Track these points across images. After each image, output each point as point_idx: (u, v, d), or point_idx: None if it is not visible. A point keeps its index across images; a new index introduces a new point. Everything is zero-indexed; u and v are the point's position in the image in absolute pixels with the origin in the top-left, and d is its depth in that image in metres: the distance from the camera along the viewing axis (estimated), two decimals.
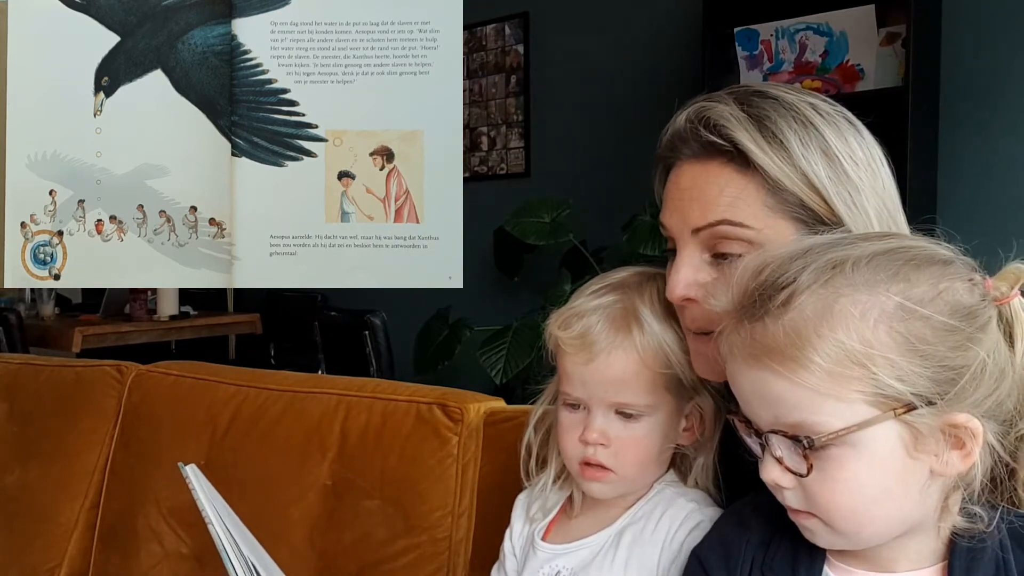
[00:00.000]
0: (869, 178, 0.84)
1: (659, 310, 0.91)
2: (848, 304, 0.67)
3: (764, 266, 0.72)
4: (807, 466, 0.68)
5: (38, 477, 1.67)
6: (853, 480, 0.68)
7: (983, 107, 2.75)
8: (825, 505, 0.69)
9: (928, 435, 0.67)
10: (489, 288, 3.69)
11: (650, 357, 0.89)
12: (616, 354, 0.89)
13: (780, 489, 0.71)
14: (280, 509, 1.37)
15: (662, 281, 0.92)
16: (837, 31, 2.73)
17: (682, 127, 0.88)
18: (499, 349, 2.90)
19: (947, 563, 0.71)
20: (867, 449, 0.67)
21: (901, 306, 0.67)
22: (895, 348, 0.66)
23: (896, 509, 0.69)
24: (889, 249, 0.70)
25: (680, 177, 0.88)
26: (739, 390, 0.73)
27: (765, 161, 0.82)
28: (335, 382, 1.48)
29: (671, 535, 0.89)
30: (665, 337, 0.90)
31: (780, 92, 0.86)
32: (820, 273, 0.69)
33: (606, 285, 0.94)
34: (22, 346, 3.63)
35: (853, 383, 0.66)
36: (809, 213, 0.82)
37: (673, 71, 3.36)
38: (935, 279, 0.68)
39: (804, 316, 0.67)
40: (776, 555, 0.77)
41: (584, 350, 0.90)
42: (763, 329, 0.69)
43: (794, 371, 0.67)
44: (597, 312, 0.91)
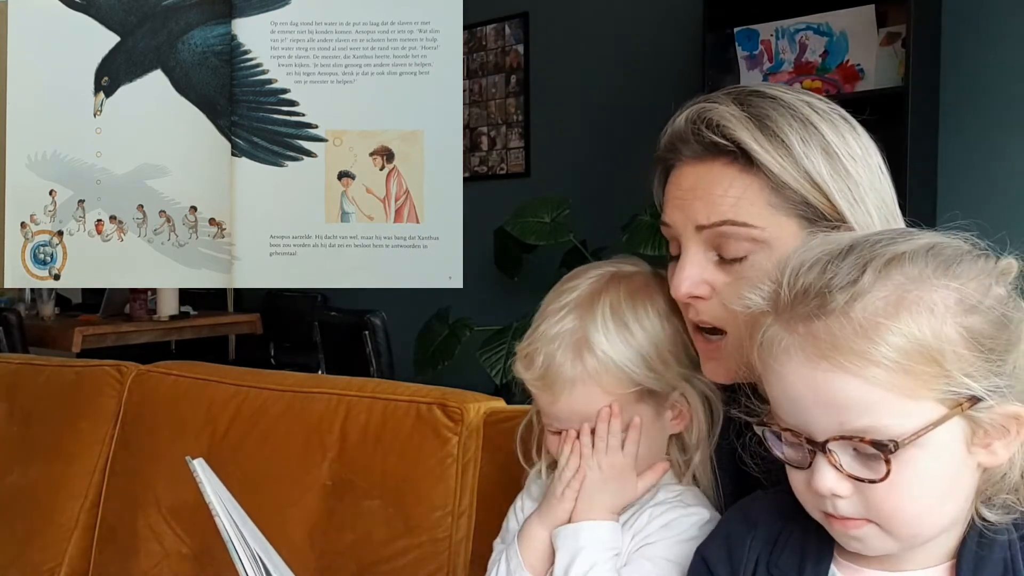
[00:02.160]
0: (867, 173, 0.85)
1: (612, 330, 0.90)
2: (917, 298, 0.66)
3: (806, 265, 0.70)
4: (886, 471, 0.65)
5: (38, 477, 1.67)
6: (923, 481, 0.66)
7: (983, 107, 2.75)
8: (890, 510, 0.67)
9: (987, 427, 0.67)
10: (489, 288, 3.69)
11: (611, 383, 0.89)
12: (577, 389, 0.89)
13: (835, 499, 0.68)
14: (280, 509, 1.37)
15: (627, 280, 0.92)
16: (837, 31, 2.73)
17: (682, 128, 0.88)
18: (499, 349, 2.91)
19: (955, 563, 0.71)
20: (935, 448, 0.66)
21: (962, 300, 0.66)
22: (962, 343, 0.65)
23: (956, 506, 0.69)
24: (932, 244, 0.69)
25: (682, 177, 0.88)
26: (794, 395, 0.69)
27: (768, 160, 0.82)
28: (335, 382, 1.47)
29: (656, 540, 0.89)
30: (619, 353, 0.89)
31: (777, 92, 0.87)
32: (881, 269, 0.67)
33: (564, 305, 0.92)
34: (22, 346, 3.63)
35: (926, 380, 0.65)
36: (812, 210, 0.83)
37: (673, 71, 3.36)
38: (981, 273, 0.68)
39: (875, 311, 0.65)
40: (782, 553, 0.77)
41: (547, 391, 0.91)
42: (827, 327, 0.66)
43: (867, 369, 0.64)
44: (554, 342, 0.90)
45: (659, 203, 0.93)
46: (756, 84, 0.92)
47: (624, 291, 0.93)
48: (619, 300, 0.92)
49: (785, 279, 0.70)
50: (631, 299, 0.92)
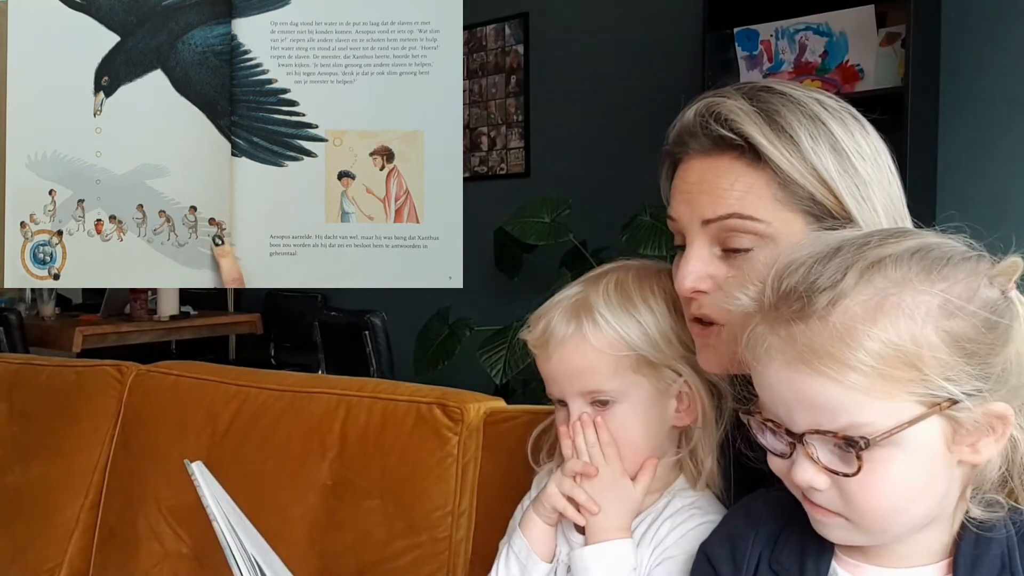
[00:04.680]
0: (875, 172, 0.85)
1: (614, 299, 0.92)
2: (896, 303, 0.66)
3: (792, 266, 0.70)
4: (857, 467, 0.66)
5: (39, 477, 1.67)
6: (897, 479, 0.67)
7: (982, 107, 2.76)
8: (861, 505, 0.68)
9: (968, 427, 0.67)
10: (489, 288, 3.69)
11: (604, 343, 0.90)
12: (568, 345, 0.91)
13: (813, 491, 0.70)
14: (280, 509, 1.37)
15: (635, 268, 0.95)
16: (837, 31, 2.74)
17: (691, 122, 0.88)
18: (499, 349, 2.91)
19: (952, 559, 0.71)
20: (911, 446, 0.66)
21: (945, 304, 0.66)
22: (942, 347, 0.65)
23: (930, 504, 0.69)
24: (921, 247, 0.69)
25: (689, 171, 0.88)
26: (775, 394, 0.70)
27: (776, 155, 0.82)
28: (335, 382, 1.48)
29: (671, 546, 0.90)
30: (622, 323, 0.91)
31: (787, 88, 0.87)
32: (863, 273, 0.67)
33: (572, 284, 0.96)
34: (23, 346, 3.63)
35: (904, 384, 0.65)
36: (819, 207, 0.83)
37: (673, 71, 3.36)
38: (969, 276, 0.68)
39: (853, 316, 0.65)
40: (784, 550, 0.77)
41: (543, 347, 0.93)
42: (807, 331, 0.67)
43: (844, 373, 0.65)
44: (556, 307, 0.94)
45: (666, 198, 0.93)
46: (766, 80, 0.92)
47: (633, 273, 0.95)
48: (627, 278, 0.94)
49: (770, 280, 0.71)
50: (638, 280, 0.94)
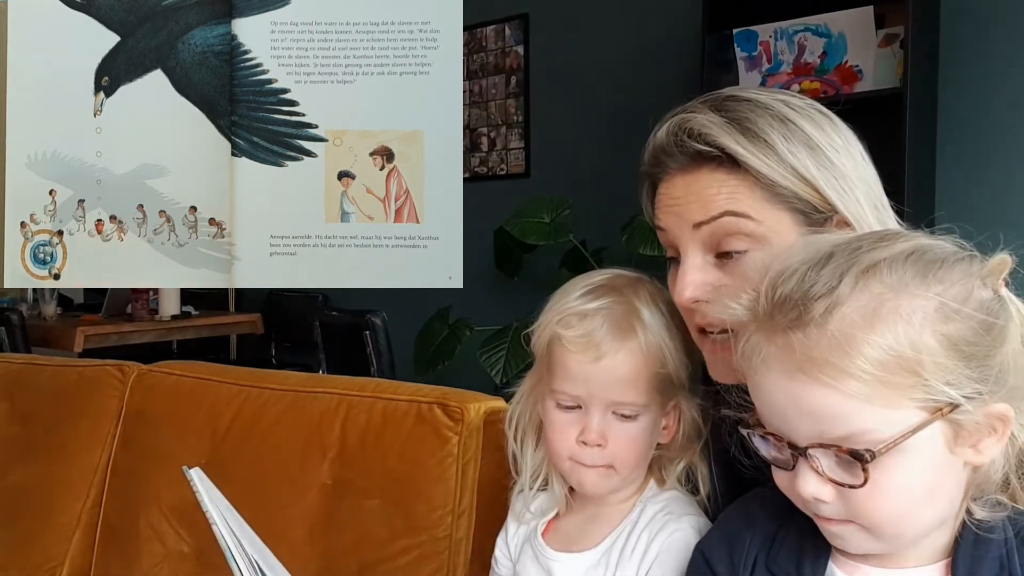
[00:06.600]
0: (850, 162, 0.86)
1: (655, 310, 0.92)
2: (893, 308, 0.65)
3: (785, 273, 0.70)
4: (864, 478, 0.66)
5: (40, 476, 1.67)
6: (903, 485, 0.66)
7: (981, 108, 2.76)
8: (870, 513, 0.67)
9: (970, 428, 0.67)
10: (489, 288, 3.69)
11: (653, 357, 0.90)
12: (623, 354, 0.89)
13: (819, 503, 0.69)
14: (280, 509, 1.37)
15: (648, 283, 0.94)
16: (836, 32, 2.74)
17: (664, 141, 0.88)
18: (499, 349, 2.91)
19: (951, 560, 0.71)
20: (915, 452, 0.65)
21: (941, 308, 0.65)
22: (941, 351, 0.65)
23: (939, 506, 0.69)
24: (914, 249, 0.69)
25: (672, 188, 0.88)
26: (774, 404, 0.69)
27: (754, 161, 0.83)
28: (336, 382, 1.48)
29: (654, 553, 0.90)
30: (664, 337, 0.91)
31: (751, 94, 0.87)
32: (859, 278, 0.66)
33: (595, 288, 0.94)
34: (24, 346, 3.63)
35: (905, 390, 0.64)
36: (804, 203, 0.83)
37: (673, 71, 3.36)
38: (964, 278, 0.67)
39: (851, 323, 0.65)
40: (780, 551, 0.77)
41: (591, 349, 0.89)
42: (805, 339, 0.66)
43: (845, 382, 0.64)
44: (599, 314, 0.91)
45: (649, 217, 0.93)
46: (729, 88, 0.91)
47: (653, 288, 0.95)
48: (657, 293, 0.94)
49: (764, 288, 0.70)
50: (661, 293, 0.94)
